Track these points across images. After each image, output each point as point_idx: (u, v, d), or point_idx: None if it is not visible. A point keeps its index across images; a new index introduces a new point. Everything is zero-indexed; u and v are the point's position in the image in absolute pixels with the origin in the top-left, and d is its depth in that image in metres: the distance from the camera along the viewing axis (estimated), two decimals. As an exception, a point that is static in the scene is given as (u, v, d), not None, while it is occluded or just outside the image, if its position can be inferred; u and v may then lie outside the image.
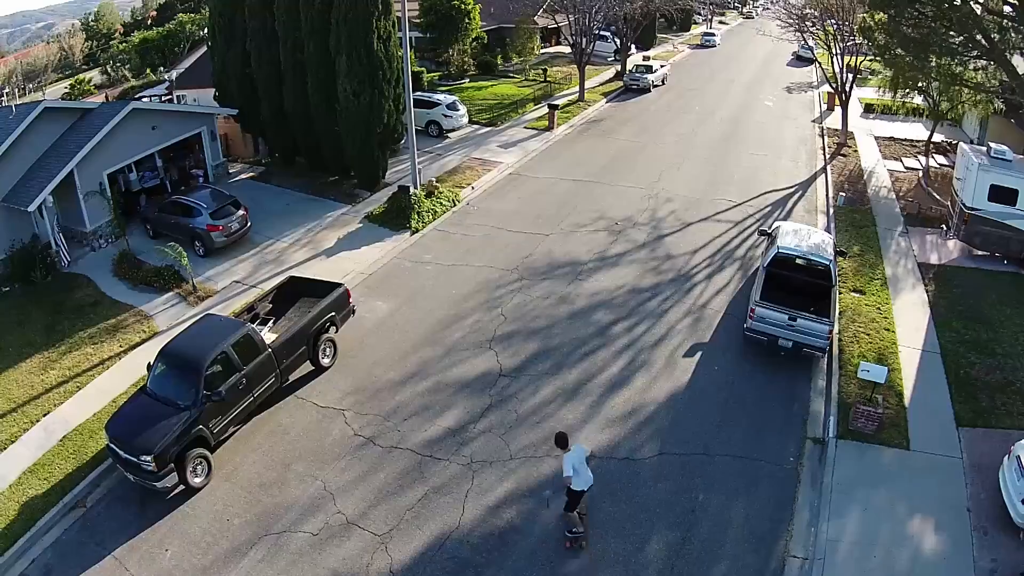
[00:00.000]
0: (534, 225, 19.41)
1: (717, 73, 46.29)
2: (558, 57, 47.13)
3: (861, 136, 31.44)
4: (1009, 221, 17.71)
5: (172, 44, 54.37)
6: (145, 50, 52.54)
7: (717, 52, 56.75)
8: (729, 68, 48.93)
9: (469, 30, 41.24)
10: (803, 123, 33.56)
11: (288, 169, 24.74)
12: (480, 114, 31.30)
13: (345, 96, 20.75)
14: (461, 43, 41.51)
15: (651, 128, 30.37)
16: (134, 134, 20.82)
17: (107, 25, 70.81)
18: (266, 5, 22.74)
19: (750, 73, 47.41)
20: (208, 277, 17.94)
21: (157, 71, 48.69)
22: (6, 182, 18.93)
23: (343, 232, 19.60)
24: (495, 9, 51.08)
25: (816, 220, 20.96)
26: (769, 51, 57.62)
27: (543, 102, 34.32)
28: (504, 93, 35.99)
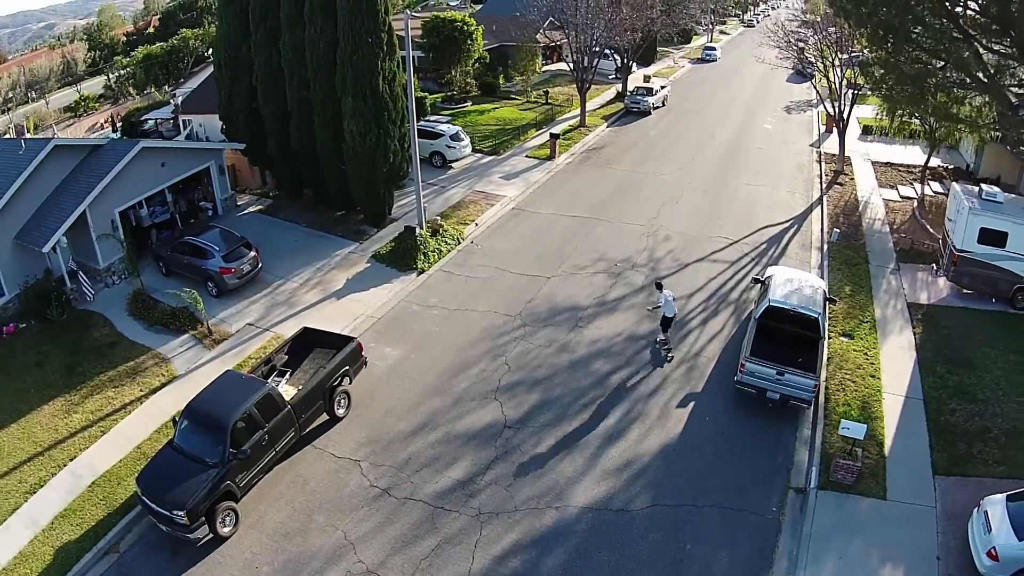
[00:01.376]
0: (536, 266, 20.61)
1: (717, 91, 47.55)
2: (559, 75, 48.36)
3: (858, 161, 32.65)
4: (998, 262, 18.84)
5: (176, 60, 55.77)
6: (149, 66, 53.86)
7: (718, 67, 58.04)
8: (729, 84, 50.20)
9: (471, 51, 42.52)
10: (801, 148, 34.76)
11: (295, 202, 25.95)
12: (483, 141, 32.52)
13: (351, 136, 21.94)
14: (463, 64, 42.78)
15: (651, 156, 31.59)
16: (144, 171, 22.03)
17: (109, 36, 72.08)
18: (271, 42, 23.83)
19: (750, 90, 48.66)
20: (222, 319, 19.13)
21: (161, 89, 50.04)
22: (18, 218, 20.11)
23: (351, 272, 20.80)
24: (497, 27, 52.42)
25: (810, 256, 22.15)
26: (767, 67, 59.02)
27: (545, 127, 35.59)
28: (506, 117, 37.21)
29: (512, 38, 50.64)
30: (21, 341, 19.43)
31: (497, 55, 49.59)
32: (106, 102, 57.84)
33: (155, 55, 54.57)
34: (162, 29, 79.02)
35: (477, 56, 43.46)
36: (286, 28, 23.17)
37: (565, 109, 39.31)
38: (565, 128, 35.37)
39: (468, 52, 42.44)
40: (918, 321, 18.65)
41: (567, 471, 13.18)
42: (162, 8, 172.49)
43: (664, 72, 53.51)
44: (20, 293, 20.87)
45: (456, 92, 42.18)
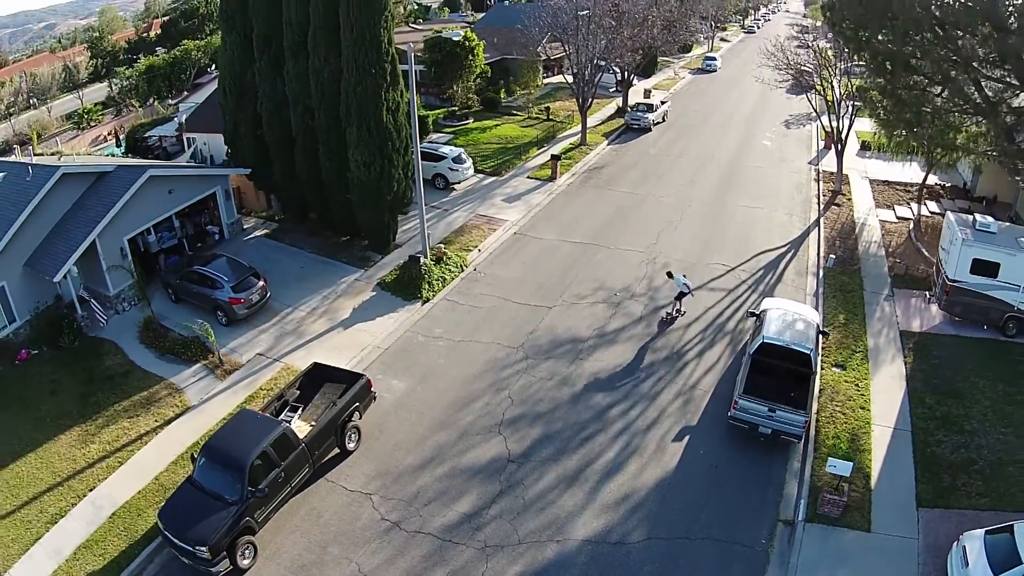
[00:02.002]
0: (538, 295, 21.52)
1: (717, 105, 48.47)
2: (560, 89, 49.25)
3: (856, 179, 33.54)
4: (989, 292, 19.66)
5: (178, 71, 56.76)
6: (151, 77, 54.85)
7: (718, 77, 58.97)
8: (729, 96, 51.12)
9: (473, 67, 43.42)
10: (800, 166, 35.66)
11: (300, 226, 26.84)
12: (485, 161, 33.43)
13: (356, 166, 22.81)
14: (465, 80, 43.69)
15: (651, 176, 32.50)
16: (151, 199, 22.92)
17: (110, 43, 73.13)
18: (275, 69, 24.65)
19: (750, 103, 49.55)
20: (232, 348, 20.01)
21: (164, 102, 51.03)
22: (28, 245, 21.03)
23: (358, 301, 21.70)
24: (498, 40, 53.30)
25: (806, 283, 23.03)
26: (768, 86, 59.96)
27: (546, 146, 36.52)
28: (508, 135, 38.11)
29: (514, 51, 51.57)
30: (34, 368, 20.31)
31: (499, 68, 50.52)
32: (108, 112, 58.82)
33: (158, 67, 55.57)
34: (164, 36, 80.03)
35: (479, 72, 44.35)
36: (290, 56, 24.01)
37: (566, 126, 40.22)
38: (566, 147, 36.30)
39: (470, 68, 43.35)
40: (910, 350, 19.52)
41: (568, 505, 14.06)
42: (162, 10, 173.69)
43: (664, 84, 54.44)
44: (31, 319, 21.77)
45: (458, 108, 43.10)
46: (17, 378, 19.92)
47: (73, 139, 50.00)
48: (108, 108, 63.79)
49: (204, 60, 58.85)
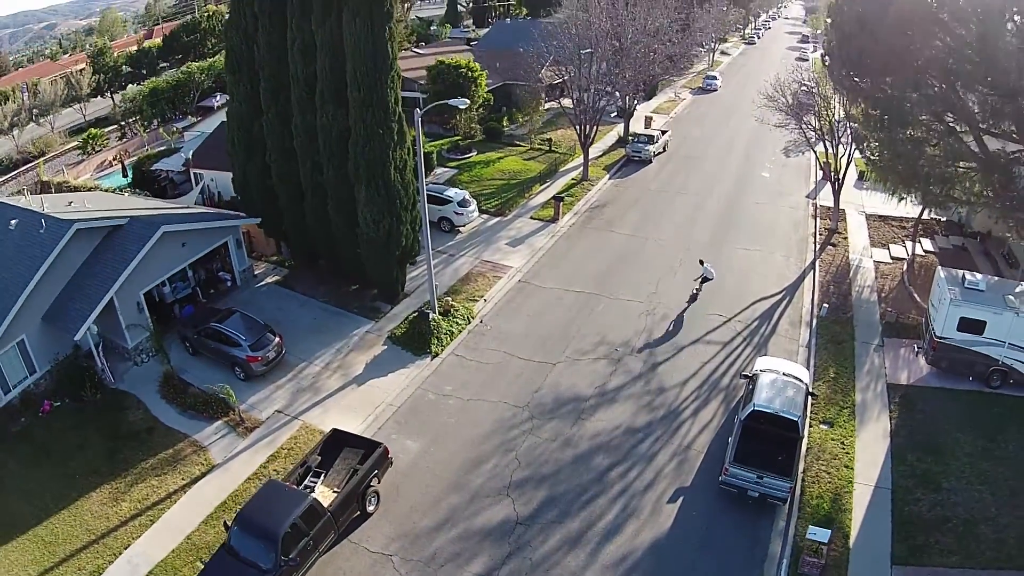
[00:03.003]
0: (542, 351, 23.29)
1: (717, 131, 50.28)
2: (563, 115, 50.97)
3: (852, 215, 35.29)
4: (976, 348, 21.35)
5: (182, 94, 58.61)
6: (155, 101, 56.69)
7: (719, 97, 60.76)
8: (730, 120, 52.92)
9: (476, 96, 45.22)
10: (797, 200, 37.41)
11: (310, 272, 28.56)
12: (489, 200, 35.21)
13: (365, 223, 24.41)
14: (468, 110, 45.46)
15: (651, 216, 34.28)
16: (165, 253, 24.50)
17: (112, 58, 75.04)
18: (283, 123, 26.10)
19: (749, 127, 51.09)
20: (252, 404, 21.76)
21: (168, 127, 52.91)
22: (45, 299, 22.68)
23: (370, 355, 23.46)
24: (500, 64, 55.14)
25: (799, 334, 24.76)
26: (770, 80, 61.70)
27: (548, 181, 38.31)
28: (511, 169, 39.90)
29: (516, 75, 53.36)
30: (58, 421, 22.02)
31: (501, 93, 52.36)
32: (112, 130, 60.67)
33: (161, 89, 57.38)
34: (166, 50, 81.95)
35: (482, 101, 46.15)
36: (297, 111, 25.44)
37: (568, 158, 41.98)
38: (568, 183, 38.10)
39: (473, 98, 45.12)
40: (895, 404, 21.26)
41: (571, 566, 15.81)
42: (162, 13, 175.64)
43: (665, 107, 56.20)
44: (51, 369, 23.51)
45: (461, 138, 44.91)
46: (43, 430, 21.66)
47: (78, 164, 51.70)
48: (110, 125, 65.83)
49: (207, 82, 60.67)
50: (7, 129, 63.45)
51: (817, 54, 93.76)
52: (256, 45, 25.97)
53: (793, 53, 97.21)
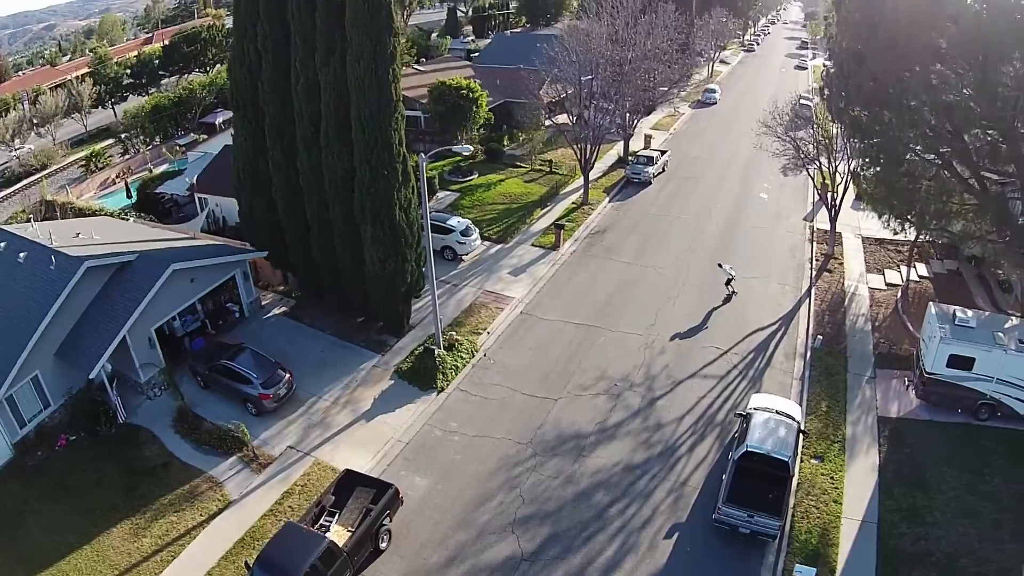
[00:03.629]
0: (544, 386, 24.56)
1: (716, 148, 51.61)
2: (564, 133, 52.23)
3: (849, 238, 36.53)
4: (965, 383, 22.46)
5: (184, 110, 59.92)
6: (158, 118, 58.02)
7: (718, 111, 62.07)
8: (729, 136, 54.27)
9: (477, 117, 46.52)
10: (795, 222, 38.66)
11: (317, 304, 29.74)
12: (491, 226, 36.48)
13: (371, 261, 25.59)
14: (469, 131, 46.81)
15: (650, 242, 35.56)
16: (175, 290, 25.64)
17: (113, 69, 76.44)
18: (289, 160, 27.10)
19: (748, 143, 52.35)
20: (264, 440, 23.00)
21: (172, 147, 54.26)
22: (57, 335, 23.87)
23: (377, 390, 24.71)
24: (501, 82, 56.47)
25: (794, 366, 25.99)
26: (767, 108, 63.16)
27: (549, 205, 39.59)
28: (512, 192, 41.15)
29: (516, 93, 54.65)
30: (75, 455, 23.21)
31: (502, 111, 53.66)
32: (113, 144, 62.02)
33: (163, 106, 58.66)
34: (167, 60, 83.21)
35: (482, 122, 47.43)
36: (303, 148, 26.40)
37: (568, 179, 43.23)
38: (568, 207, 39.38)
39: (474, 119, 46.45)
40: (885, 438, 22.50)
41: (573, 603, 17.11)
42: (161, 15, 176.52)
43: (664, 123, 57.43)
44: (65, 402, 24.74)
45: (462, 160, 46.16)
46: (60, 464, 22.88)
47: (81, 183, 52.97)
48: (111, 136, 67.34)
49: (209, 98, 61.95)
50: (9, 141, 64.99)
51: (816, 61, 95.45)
52: (260, 82, 26.89)
53: (792, 61, 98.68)
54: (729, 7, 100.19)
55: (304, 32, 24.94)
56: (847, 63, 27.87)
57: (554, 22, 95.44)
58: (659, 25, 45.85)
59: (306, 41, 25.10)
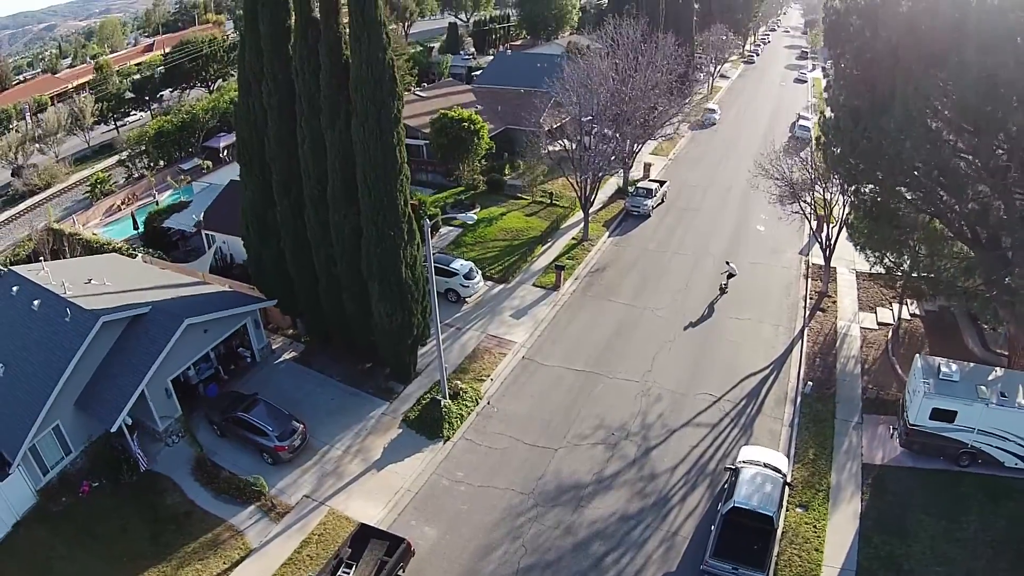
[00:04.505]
0: (545, 436, 26.54)
1: (715, 174, 53.74)
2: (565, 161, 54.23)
3: (843, 273, 38.39)
4: (946, 433, 24.27)
5: (187, 134, 62.10)
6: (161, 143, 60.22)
7: (717, 133, 64.11)
8: (727, 161, 56.49)
9: (478, 149, 48.54)
10: (790, 258, 40.57)
11: (326, 349, 31.71)
12: (493, 265, 38.47)
13: (379, 315, 27.35)
14: (470, 162, 48.83)
15: (649, 281, 37.58)
16: (189, 341, 27.36)
17: (115, 86, 78.68)
18: (296, 215, 28.85)
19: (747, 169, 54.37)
20: (281, 489, 24.96)
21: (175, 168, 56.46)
22: (76, 386, 25.75)
23: (387, 439, 26.67)
24: (502, 108, 58.56)
25: (784, 413, 27.91)
26: (766, 127, 65.56)
27: (550, 241, 41.59)
28: (514, 228, 43.14)
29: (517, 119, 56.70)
30: (99, 502, 25.13)
31: (503, 138, 55.63)
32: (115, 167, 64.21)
33: (167, 132, 60.81)
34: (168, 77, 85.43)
35: (484, 152, 49.45)
36: (310, 204, 28.09)
37: (569, 212, 45.19)
38: (569, 243, 41.38)
39: (475, 150, 48.47)
40: (868, 486, 24.42)
41: (572, 652, 19.08)
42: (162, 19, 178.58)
43: (663, 148, 59.28)
44: (85, 449, 26.72)
45: (464, 189, 48.20)
46: (85, 511, 24.84)
47: (87, 210, 55.05)
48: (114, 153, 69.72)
49: (212, 122, 64.06)
50: (13, 160, 67.24)
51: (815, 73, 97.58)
52: (266, 138, 28.48)
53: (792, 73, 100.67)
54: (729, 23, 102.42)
55: (309, 93, 26.55)
56: (844, 119, 29.51)
57: (554, 37, 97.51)
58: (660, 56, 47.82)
59: (311, 102, 26.63)
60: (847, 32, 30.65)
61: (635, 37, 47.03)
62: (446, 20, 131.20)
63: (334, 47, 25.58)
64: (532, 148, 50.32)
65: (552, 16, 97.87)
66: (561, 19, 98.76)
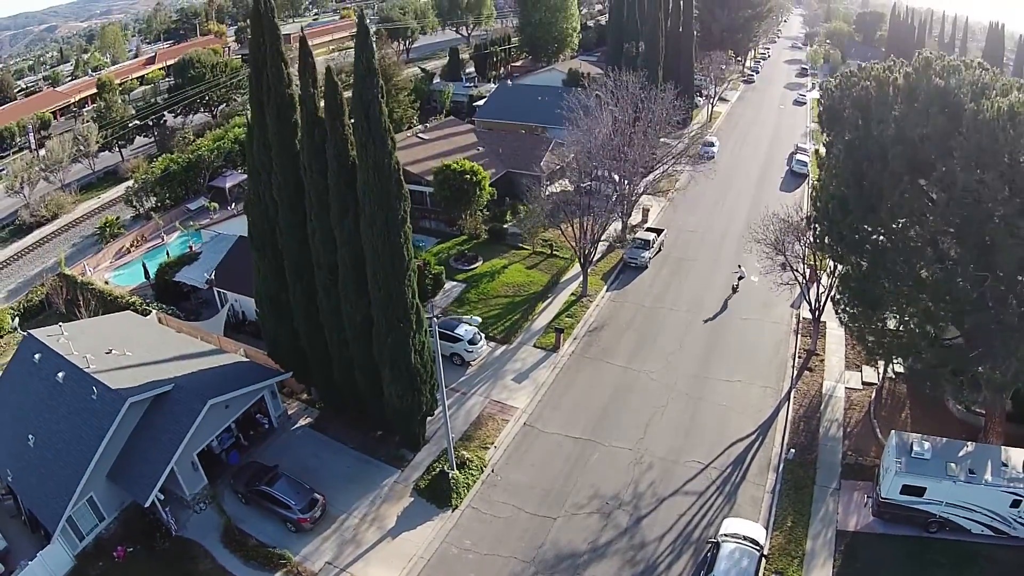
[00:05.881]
0: (545, 504, 29.99)
1: (712, 218, 57.63)
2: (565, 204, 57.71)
3: (832, 327, 41.53)
4: (916, 505, 27.57)
5: (193, 175, 65.84)
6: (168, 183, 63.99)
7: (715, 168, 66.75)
8: (725, 202, 60.70)
9: (480, 200, 52.05)
10: (782, 313, 43.93)
11: (339, 415, 35.15)
12: (496, 324, 41.96)
13: (390, 396, 30.69)
14: (472, 213, 52.36)
15: (645, 341, 41.06)
16: (212, 417, 30.56)
17: (120, 112, 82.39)
18: (309, 300, 32.00)
19: (744, 208, 58.41)
20: (305, 556, 28.42)
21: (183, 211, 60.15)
22: (107, 460, 29.14)
23: (400, 507, 30.13)
24: (503, 151, 62.12)
25: (767, 480, 31.31)
26: (764, 160, 68.99)
27: (550, 296, 45.07)
28: (515, 282, 46.64)
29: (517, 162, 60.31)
30: (135, 567, 28.54)
31: (504, 181, 59.16)
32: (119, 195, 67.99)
33: (174, 172, 64.56)
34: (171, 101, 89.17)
35: (486, 202, 52.96)
36: (322, 291, 31.11)
37: (569, 265, 48.63)
38: (568, 299, 44.89)
39: (477, 201, 51.98)
40: (840, 553, 27.83)
41: None
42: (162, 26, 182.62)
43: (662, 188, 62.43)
44: (118, 515, 30.26)
45: (467, 241, 51.72)
46: (122, 576, 28.36)
47: (97, 253, 58.63)
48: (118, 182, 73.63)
49: (217, 161, 67.73)
50: (19, 188, 71.02)
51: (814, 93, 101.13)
52: (278, 226, 31.37)
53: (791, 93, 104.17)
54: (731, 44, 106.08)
55: (318, 191, 29.21)
56: (834, 210, 32.63)
57: (554, 60, 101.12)
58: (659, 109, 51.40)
59: (319, 198, 29.29)
60: (841, 119, 34.04)
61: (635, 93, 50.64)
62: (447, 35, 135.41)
63: (341, 149, 27.98)
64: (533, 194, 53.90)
65: (553, 39, 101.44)
66: (562, 41, 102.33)
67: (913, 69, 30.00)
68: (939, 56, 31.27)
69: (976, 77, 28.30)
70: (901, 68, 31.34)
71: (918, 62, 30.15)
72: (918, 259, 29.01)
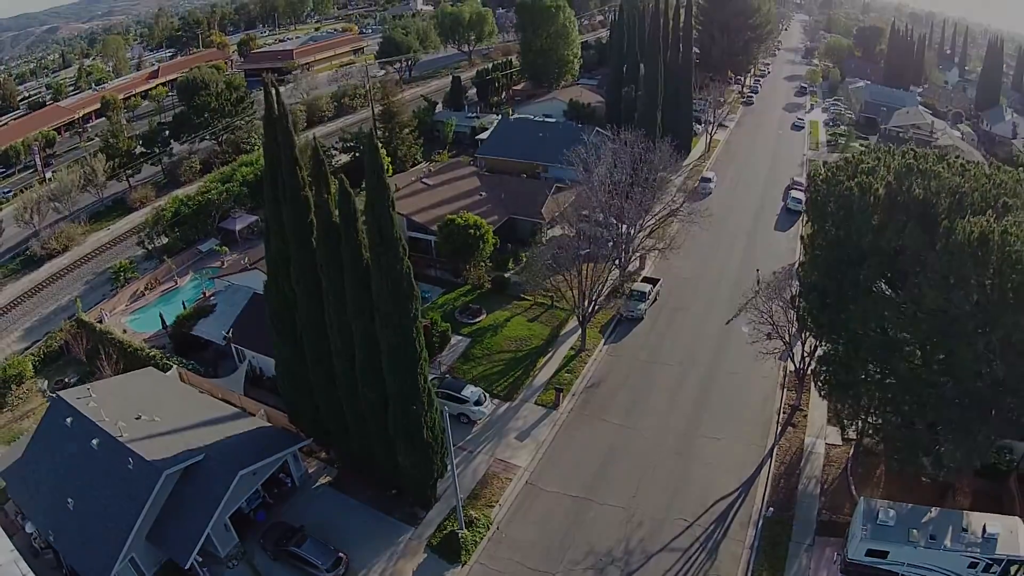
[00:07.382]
0: (545, 560, 34.66)
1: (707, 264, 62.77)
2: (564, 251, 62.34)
3: (817, 383, 46.34)
4: (880, 566, 32.08)
5: (203, 217, 70.66)
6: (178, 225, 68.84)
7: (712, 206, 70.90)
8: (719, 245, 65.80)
9: (483, 252, 56.79)
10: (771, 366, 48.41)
11: (356, 475, 39.82)
12: (499, 381, 46.72)
13: (405, 465, 35.25)
14: (476, 265, 57.10)
15: (639, 399, 45.79)
16: (242, 484, 35.02)
17: (125, 143, 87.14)
18: (329, 379, 36.31)
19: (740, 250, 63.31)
20: (331, 613, 33.29)
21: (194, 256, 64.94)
22: (146, 524, 33.70)
23: (415, 563, 34.85)
24: (505, 195, 66.90)
25: (746, 535, 35.99)
26: (760, 196, 74.02)
27: (551, 351, 49.81)
28: (518, 336, 51.37)
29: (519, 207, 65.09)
30: (179, 624, 33.48)
31: (506, 227, 63.90)
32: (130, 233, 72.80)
33: (185, 215, 69.42)
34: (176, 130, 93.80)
35: (489, 253, 57.70)
36: (340, 374, 35.30)
37: (569, 317, 53.25)
38: (568, 353, 49.61)
39: (481, 253, 56.72)
40: (808, 609, 32.60)
41: None
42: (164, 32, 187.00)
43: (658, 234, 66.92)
44: (158, 571, 34.91)
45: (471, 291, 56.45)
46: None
47: (112, 297, 63.39)
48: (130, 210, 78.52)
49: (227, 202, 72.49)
50: (30, 219, 76.00)
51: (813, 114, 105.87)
52: (296, 312, 35.64)
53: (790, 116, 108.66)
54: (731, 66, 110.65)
55: (334, 288, 33.16)
56: (814, 301, 37.21)
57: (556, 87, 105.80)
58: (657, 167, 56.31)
59: (337, 296, 33.21)
60: (825, 213, 38.16)
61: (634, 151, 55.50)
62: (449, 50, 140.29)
63: (356, 253, 31.62)
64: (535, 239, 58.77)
65: (554, 64, 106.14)
66: (563, 67, 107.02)
67: (895, 176, 34.18)
68: (921, 156, 35.83)
69: (955, 185, 32.56)
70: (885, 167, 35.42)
71: (901, 165, 34.57)
72: (889, 353, 33.45)
